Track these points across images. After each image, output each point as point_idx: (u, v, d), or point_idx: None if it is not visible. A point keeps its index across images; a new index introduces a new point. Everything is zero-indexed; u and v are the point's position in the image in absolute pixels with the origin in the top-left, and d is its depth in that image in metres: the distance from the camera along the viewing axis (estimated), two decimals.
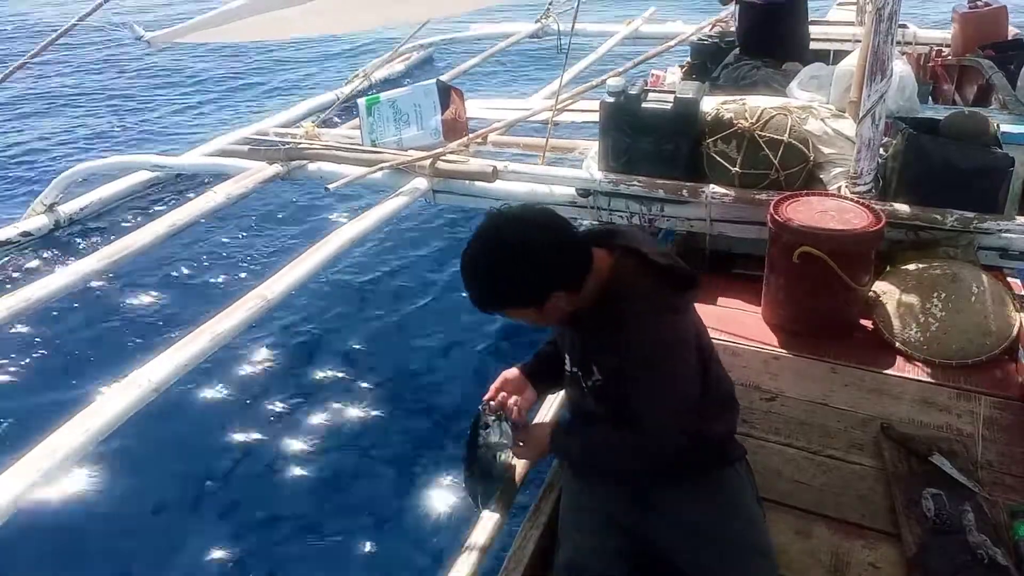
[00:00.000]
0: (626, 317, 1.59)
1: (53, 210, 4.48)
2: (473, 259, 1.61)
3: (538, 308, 1.62)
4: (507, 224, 1.61)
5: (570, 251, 1.60)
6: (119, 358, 3.46)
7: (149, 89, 8.33)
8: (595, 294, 1.64)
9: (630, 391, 1.62)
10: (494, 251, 1.59)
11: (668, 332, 1.63)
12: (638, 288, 1.62)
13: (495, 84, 8.04)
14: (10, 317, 2.88)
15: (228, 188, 3.79)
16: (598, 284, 1.63)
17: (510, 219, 1.62)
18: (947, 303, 2.66)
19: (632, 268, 1.65)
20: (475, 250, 1.61)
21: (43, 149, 6.51)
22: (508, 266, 1.57)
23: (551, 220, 1.62)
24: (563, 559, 1.73)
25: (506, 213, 1.63)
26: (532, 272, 1.57)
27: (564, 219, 1.65)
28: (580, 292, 1.62)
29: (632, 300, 1.60)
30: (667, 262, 1.65)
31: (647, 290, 1.62)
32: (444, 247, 4.73)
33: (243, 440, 3.15)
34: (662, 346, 1.61)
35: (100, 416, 2.12)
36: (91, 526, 2.75)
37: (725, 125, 3.22)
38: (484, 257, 1.60)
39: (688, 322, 1.70)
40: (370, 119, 4.28)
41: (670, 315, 1.64)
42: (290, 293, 2.93)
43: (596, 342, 1.68)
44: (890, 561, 1.84)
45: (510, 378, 1.97)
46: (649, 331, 1.59)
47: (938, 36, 5.67)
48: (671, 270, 1.64)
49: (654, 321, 1.60)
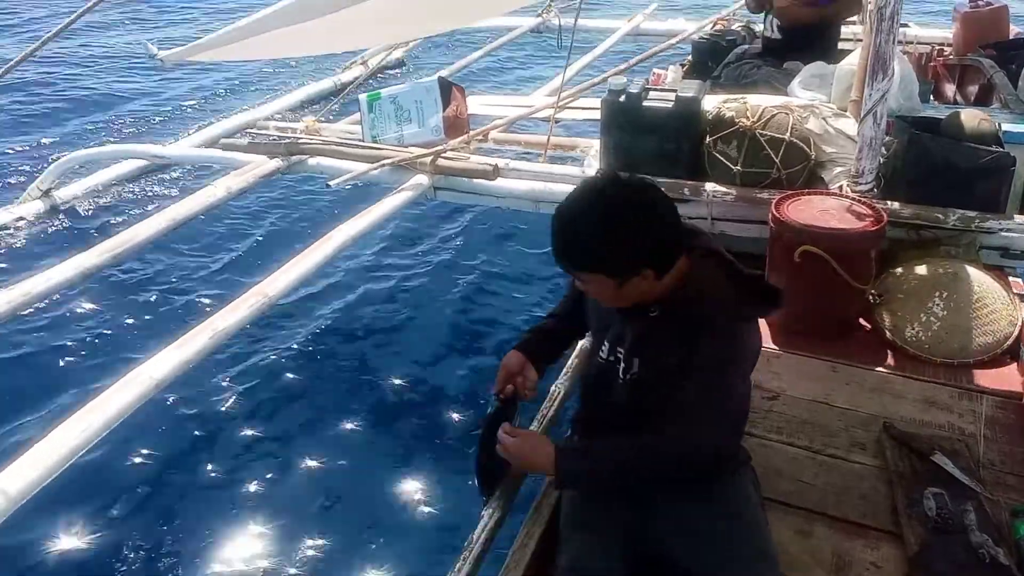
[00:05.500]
0: (706, 316, 1.57)
1: (49, 195, 4.47)
2: (581, 210, 1.56)
3: (621, 281, 1.57)
4: (627, 186, 1.59)
5: (674, 233, 1.59)
6: (120, 354, 3.46)
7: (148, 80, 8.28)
8: (667, 288, 1.62)
9: (689, 390, 1.58)
10: (607, 208, 1.54)
11: (742, 343, 1.62)
12: (720, 291, 1.61)
13: (497, 81, 8.03)
14: (10, 311, 2.87)
15: (228, 182, 3.78)
16: (673, 279, 1.62)
17: (625, 184, 1.59)
18: (948, 302, 2.66)
19: (712, 271, 1.64)
20: (583, 203, 1.56)
21: (40, 137, 6.46)
22: (617, 227, 1.53)
23: (663, 197, 1.60)
24: (564, 559, 1.72)
25: (624, 177, 1.60)
26: (635, 241, 1.53)
27: (671, 201, 1.63)
28: (661, 280, 1.60)
29: (714, 301, 1.59)
30: (751, 272, 1.65)
31: (731, 296, 1.61)
32: (445, 244, 4.73)
33: (241, 438, 3.15)
34: (733, 356, 1.61)
35: (101, 413, 2.11)
36: (91, 525, 2.75)
37: (726, 124, 3.21)
38: (593, 212, 1.55)
39: (758, 335, 1.70)
40: (371, 115, 4.27)
41: (747, 325, 1.64)
42: (292, 290, 2.93)
43: (661, 336, 1.64)
44: (891, 561, 1.83)
45: (512, 364, 1.93)
46: (727, 335, 1.58)
47: (939, 35, 5.66)
48: (755, 281, 1.64)
49: (733, 329, 1.59)
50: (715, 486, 1.74)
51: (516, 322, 3.89)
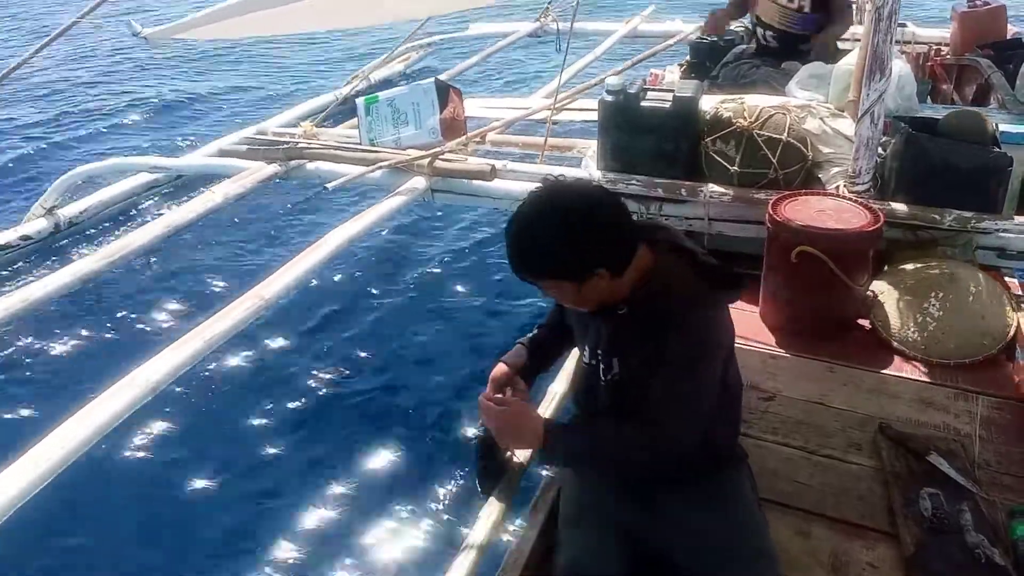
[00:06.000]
0: (673, 311, 1.57)
1: (53, 213, 4.46)
2: (526, 222, 1.57)
3: (579, 284, 1.58)
4: (566, 192, 1.61)
5: (623, 231, 1.59)
6: (117, 358, 3.45)
7: (149, 89, 8.31)
8: (632, 286, 1.62)
9: (657, 386, 1.59)
10: (549, 216, 1.55)
11: (710, 332, 1.62)
12: (686, 284, 1.61)
13: (494, 84, 8.04)
14: (8, 317, 2.88)
15: (226, 188, 3.79)
16: (637, 275, 1.62)
17: (568, 188, 1.62)
18: (945, 303, 2.66)
19: (677, 264, 1.65)
20: (529, 213, 1.57)
21: (42, 151, 6.50)
22: (561, 233, 1.53)
23: (608, 196, 1.61)
24: (563, 559, 1.73)
25: (565, 183, 1.64)
26: (584, 243, 1.54)
27: (619, 199, 1.64)
28: (621, 278, 1.60)
29: (680, 296, 1.60)
30: (713, 262, 1.65)
31: (695, 287, 1.61)
32: (442, 246, 4.73)
33: (237, 439, 3.15)
34: (702, 346, 1.60)
35: (97, 416, 2.10)
36: (90, 525, 2.75)
37: (724, 124, 3.22)
38: (538, 221, 1.56)
39: (726, 323, 1.70)
40: (368, 118, 4.27)
41: (714, 314, 1.64)
42: (288, 293, 2.93)
43: (630, 333, 1.65)
44: (888, 561, 1.84)
45: (499, 376, 1.94)
46: (693, 329, 1.58)
47: (937, 35, 5.66)
48: (717, 269, 1.64)
49: (699, 319, 1.59)
50: (713, 486, 1.75)
51: (515, 323, 3.89)
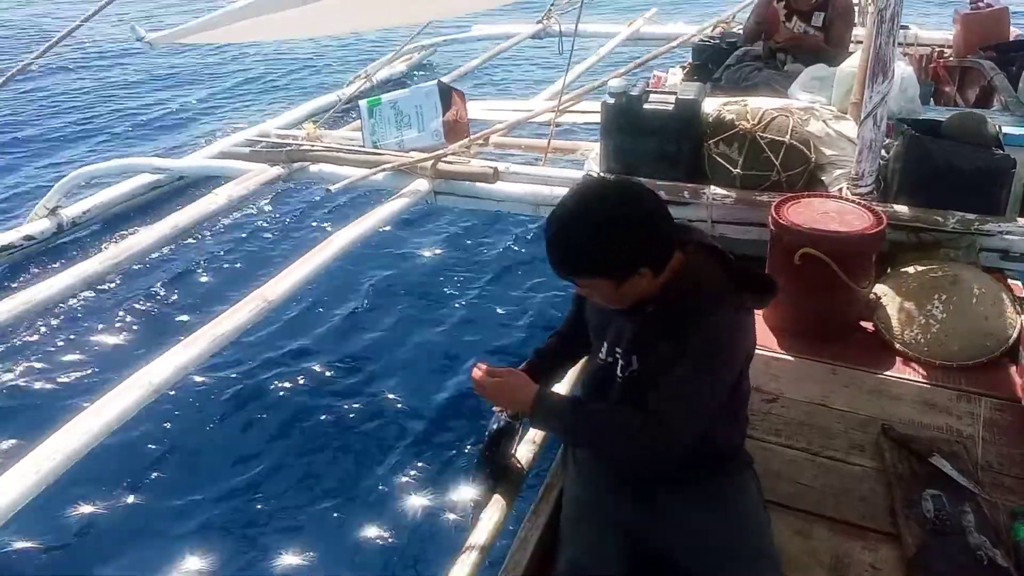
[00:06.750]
0: (700, 307, 1.57)
1: (56, 214, 4.48)
2: (569, 218, 1.55)
3: (620, 282, 1.57)
4: (613, 189, 1.61)
5: (666, 229, 1.59)
6: (120, 359, 3.47)
7: (152, 91, 8.34)
8: (663, 284, 1.62)
9: (669, 377, 1.58)
10: (596, 213, 1.54)
11: (732, 334, 1.62)
12: (715, 282, 1.62)
13: (497, 86, 8.05)
14: (12, 319, 2.89)
15: (230, 190, 3.80)
16: (668, 275, 1.62)
17: (615, 185, 1.60)
18: (948, 305, 2.66)
19: (707, 263, 1.65)
20: (574, 210, 1.56)
21: (46, 152, 6.52)
22: (608, 230, 1.53)
23: (651, 194, 1.61)
24: (564, 560, 1.72)
25: (611, 179, 1.62)
26: (630, 241, 1.53)
27: (660, 196, 1.64)
28: (658, 277, 1.60)
29: (708, 292, 1.60)
30: (743, 264, 1.65)
31: (723, 286, 1.61)
32: (445, 248, 4.73)
33: (240, 440, 3.16)
34: (722, 345, 1.60)
35: (100, 417, 2.12)
36: (90, 526, 2.76)
37: (727, 126, 3.22)
38: (585, 217, 1.54)
39: (750, 329, 1.69)
40: (371, 120, 4.28)
41: (739, 317, 1.64)
42: (292, 294, 2.94)
43: (654, 331, 1.64)
44: (890, 562, 1.83)
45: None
46: (717, 327, 1.58)
47: (940, 37, 5.67)
48: (747, 271, 1.65)
49: (724, 318, 1.59)
50: (714, 486, 1.75)
51: (519, 326, 3.90)
